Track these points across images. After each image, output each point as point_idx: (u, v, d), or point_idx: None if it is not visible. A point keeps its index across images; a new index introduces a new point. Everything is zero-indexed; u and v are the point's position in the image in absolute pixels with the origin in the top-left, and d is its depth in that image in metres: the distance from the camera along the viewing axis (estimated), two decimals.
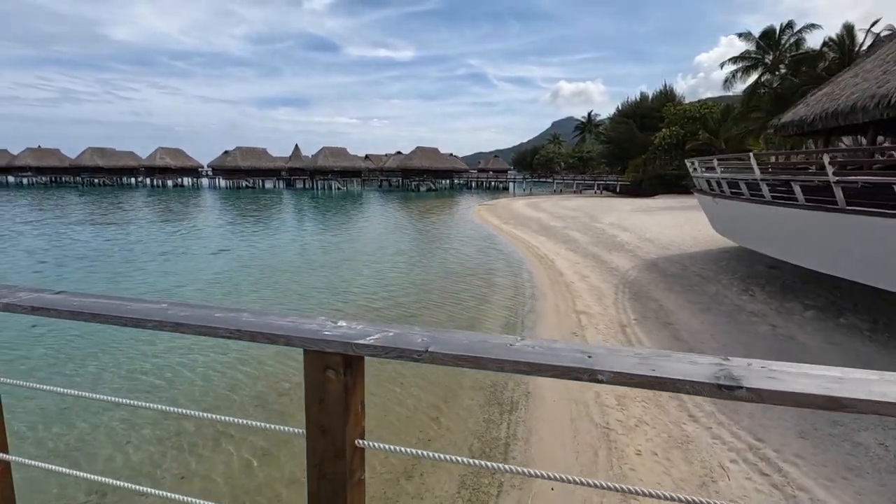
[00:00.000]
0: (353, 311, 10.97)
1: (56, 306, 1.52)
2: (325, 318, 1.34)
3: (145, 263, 16.19)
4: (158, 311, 1.44)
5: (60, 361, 7.90)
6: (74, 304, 1.52)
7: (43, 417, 6.07)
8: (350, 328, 1.28)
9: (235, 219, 30.65)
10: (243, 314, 1.40)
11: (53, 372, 7.52)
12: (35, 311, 1.54)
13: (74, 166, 72.77)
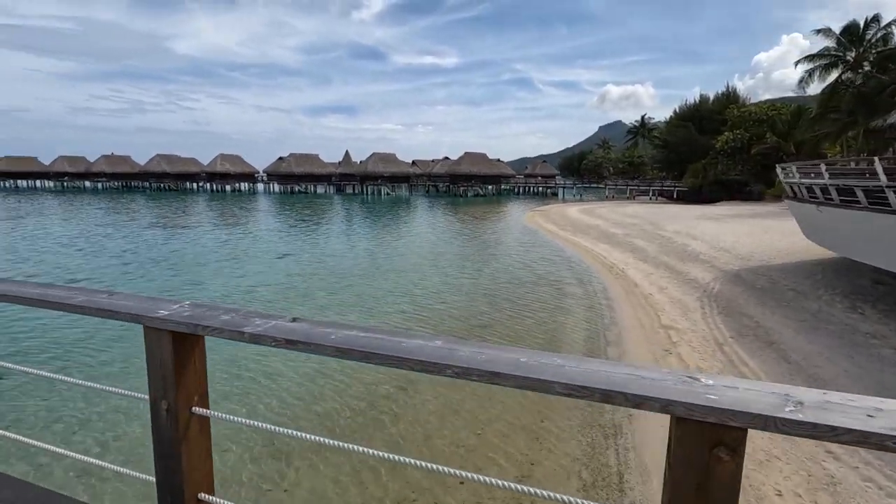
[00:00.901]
0: (433, 318, 10.83)
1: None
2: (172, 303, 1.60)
3: (220, 267, 16.75)
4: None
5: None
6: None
7: None
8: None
9: (294, 223, 31.48)
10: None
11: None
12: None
13: (143, 172, 77.41)
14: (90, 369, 7.91)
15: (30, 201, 49.29)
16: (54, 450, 2.00)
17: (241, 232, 26.49)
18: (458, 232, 27.75)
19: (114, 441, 5.86)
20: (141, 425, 6.06)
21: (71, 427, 6.16)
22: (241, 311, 1.52)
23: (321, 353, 1.28)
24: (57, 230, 26.10)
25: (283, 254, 19.73)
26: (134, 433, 5.99)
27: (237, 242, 22.56)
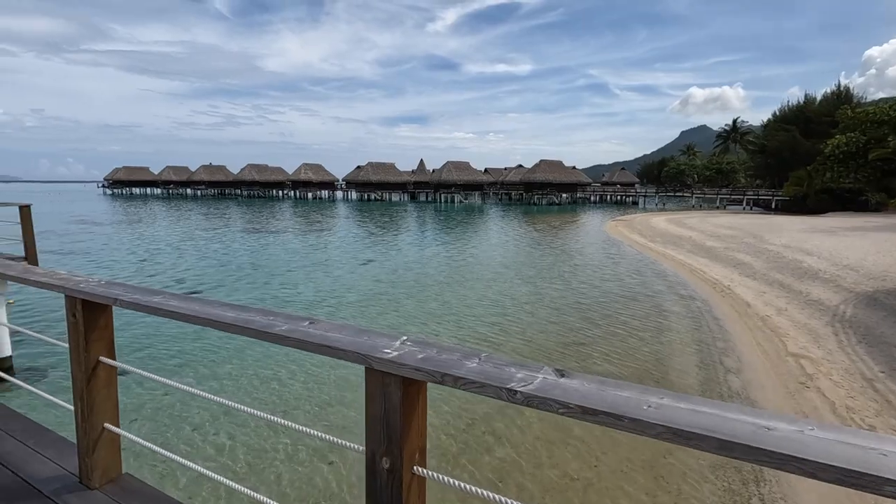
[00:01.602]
0: (525, 331, 10.44)
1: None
2: (391, 338, 1.37)
3: (310, 271, 17.41)
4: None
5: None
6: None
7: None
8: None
9: (373, 230, 32.32)
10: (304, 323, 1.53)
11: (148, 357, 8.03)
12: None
13: (236, 180, 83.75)
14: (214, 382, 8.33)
15: (142, 207, 54.88)
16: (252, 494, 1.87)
17: (326, 238, 27.56)
18: (537, 241, 27.05)
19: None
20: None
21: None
22: (481, 356, 1.26)
23: (631, 430, 0.98)
24: (166, 234, 28.66)
25: (366, 260, 20.18)
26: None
27: (323, 248, 23.45)
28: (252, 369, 8.27)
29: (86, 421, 2.19)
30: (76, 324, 2.15)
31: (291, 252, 22.09)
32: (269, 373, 8.09)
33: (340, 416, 6.79)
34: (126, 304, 1.88)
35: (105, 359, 2.20)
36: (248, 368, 8.29)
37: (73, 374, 2.20)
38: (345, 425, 6.50)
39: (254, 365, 8.43)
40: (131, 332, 9.92)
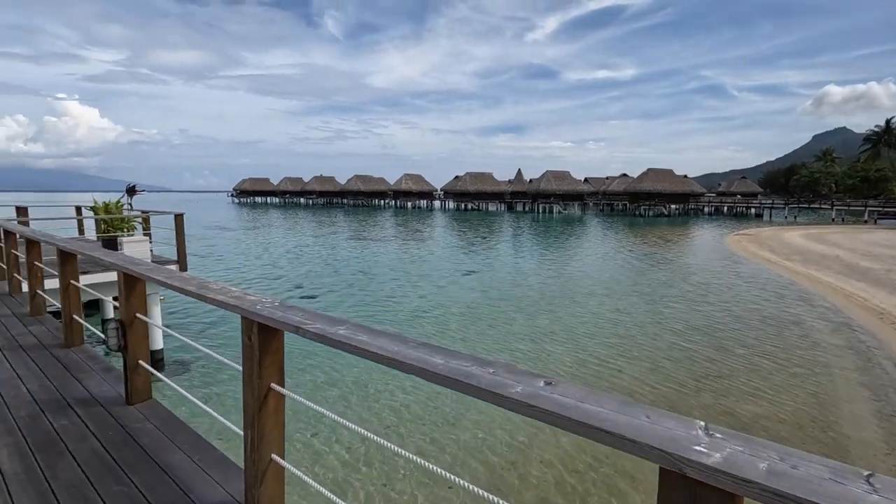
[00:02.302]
0: (653, 358, 9.50)
1: None
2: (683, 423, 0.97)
3: (417, 280, 17.66)
4: None
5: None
6: None
7: None
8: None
9: (473, 240, 32.30)
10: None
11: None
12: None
13: (343, 190, 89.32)
14: None
15: (263, 214, 60.51)
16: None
17: (428, 247, 28.03)
18: (648, 255, 25.12)
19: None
20: None
21: None
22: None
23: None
24: (284, 240, 31.10)
25: (468, 270, 20.07)
26: None
27: (425, 257, 23.80)
28: (414, 402, 7.45)
29: (255, 451, 2.07)
30: (251, 347, 2.04)
31: (395, 260, 22.70)
32: (433, 409, 7.20)
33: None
34: (309, 334, 1.70)
35: (276, 386, 2.07)
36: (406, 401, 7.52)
37: (244, 399, 2.11)
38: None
39: (417, 397, 7.58)
40: None
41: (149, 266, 3.05)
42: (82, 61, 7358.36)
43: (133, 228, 9.53)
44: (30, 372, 3.90)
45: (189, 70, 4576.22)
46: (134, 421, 3.05)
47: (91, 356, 4.27)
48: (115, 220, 9.11)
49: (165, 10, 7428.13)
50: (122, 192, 15.81)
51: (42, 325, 5.22)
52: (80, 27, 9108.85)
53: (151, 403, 3.30)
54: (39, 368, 3.97)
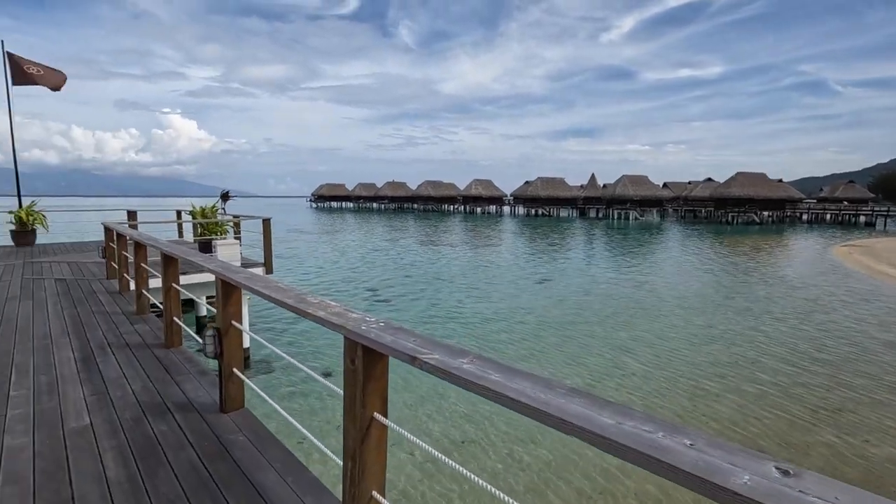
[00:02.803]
0: (745, 380, 8.54)
1: None
2: None
3: (485, 287, 17.36)
4: None
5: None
6: None
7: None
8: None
9: (545, 246, 31.45)
10: None
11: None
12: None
13: (414, 196, 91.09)
14: None
15: (339, 218, 63.05)
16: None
17: (499, 253, 27.63)
18: (739, 266, 23.02)
19: None
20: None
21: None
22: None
23: None
24: (358, 244, 32.05)
25: (541, 278, 19.45)
26: None
27: (498, 263, 23.42)
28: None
29: (355, 485, 1.87)
30: (354, 372, 1.85)
31: (467, 266, 22.52)
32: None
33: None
34: (427, 366, 1.46)
35: (379, 416, 1.86)
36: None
37: (346, 428, 1.92)
38: None
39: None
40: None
41: (247, 275, 3.01)
42: (184, 78, 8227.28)
43: (225, 232, 10.07)
44: (134, 371, 4.05)
45: (275, 83, 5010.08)
46: (228, 431, 3.01)
47: (188, 358, 4.39)
48: (210, 223, 9.65)
49: (256, 28, 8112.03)
50: (217, 197, 16.96)
51: (146, 325, 5.51)
52: (183, 48, 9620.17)
53: (244, 412, 3.27)
54: (143, 368, 4.12)
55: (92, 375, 3.94)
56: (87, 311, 6.06)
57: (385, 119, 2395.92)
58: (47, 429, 3.04)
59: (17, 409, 3.32)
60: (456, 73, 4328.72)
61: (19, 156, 14.22)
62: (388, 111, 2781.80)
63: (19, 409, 3.33)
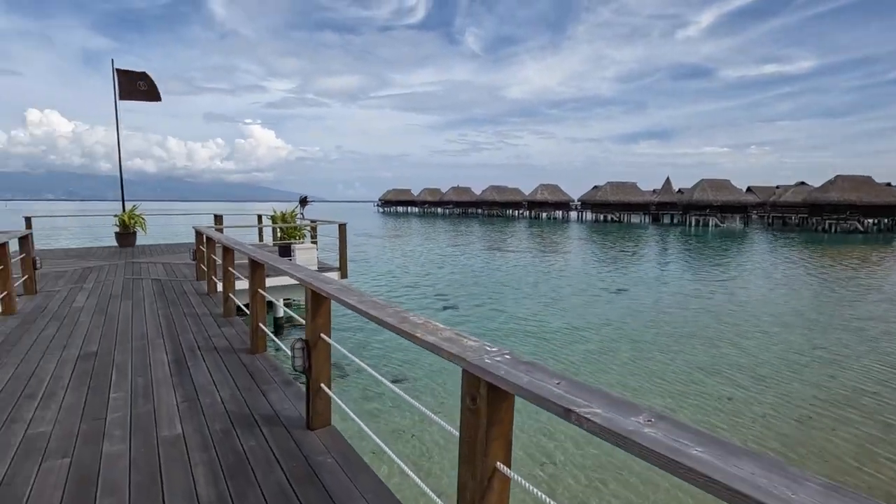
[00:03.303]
0: (871, 415, 7.41)
1: None
2: None
3: (557, 297, 16.70)
4: None
5: None
6: None
7: None
8: None
9: (617, 254, 30.00)
10: None
11: None
12: None
13: (478, 201, 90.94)
14: None
15: (405, 222, 64.15)
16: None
17: (569, 260, 26.66)
18: (846, 280, 20.57)
19: None
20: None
21: None
22: None
23: None
24: (425, 248, 32.26)
25: (617, 289, 18.43)
26: None
27: (568, 271, 22.57)
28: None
29: None
30: (475, 413, 1.56)
31: (536, 272, 21.87)
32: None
33: None
34: (591, 425, 1.13)
35: (503, 467, 1.56)
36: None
37: (461, 477, 1.63)
38: None
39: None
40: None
41: (338, 286, 2.84)
42: (265, 91, 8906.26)
43: (303, 236, 10.32)
44: (223, 377, 4.05)
45: (346, 93, 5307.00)
46: (316, 452, 2.85)
47: (273, 365, 4.35)
48: (290, 228, 9.91)
49: (330, 42, 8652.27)
50: (290, 202, 17.63)
51: (232, 328, 5.61)
52: (264, 63, 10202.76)
53: (331, 431, 3.11)
54: (230, 374, 4.12)
55: (183, 380, 3.98)
56: (180, 313, 6.31)
57: (450, 125, 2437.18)
58: (142, 435, 3.03)
59: (116, 412, 3.38)
60: (521, 78, 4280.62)
61: (123, 165, 15.54)
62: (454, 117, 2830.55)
63: (118, 412, 3.38)
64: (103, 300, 7.06)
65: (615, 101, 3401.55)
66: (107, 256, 12.00)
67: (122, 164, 15.38)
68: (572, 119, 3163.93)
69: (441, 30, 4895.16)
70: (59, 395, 3.65)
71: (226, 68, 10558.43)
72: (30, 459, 2.73)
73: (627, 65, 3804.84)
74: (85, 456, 2.77)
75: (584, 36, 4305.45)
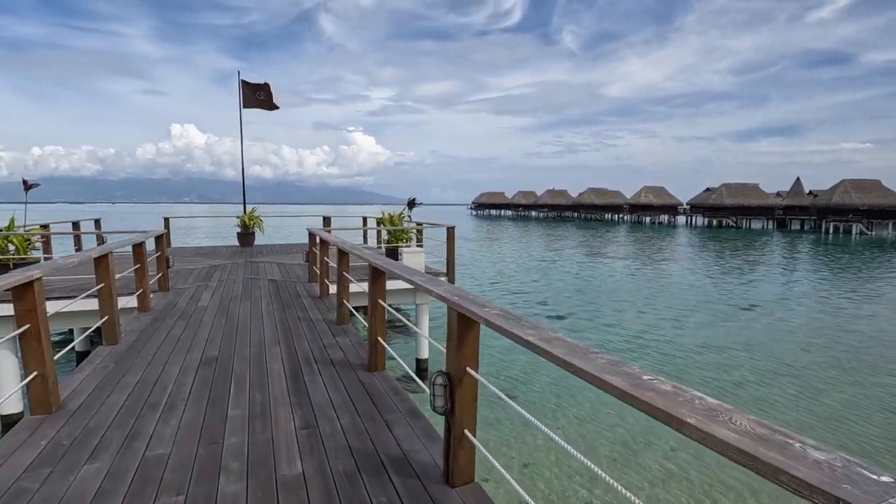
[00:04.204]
0: None
1: None
2: None
3: (676, 312, 14.91)
4: None
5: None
6: None
7: None
8: None
9: (739, 264, 26.62)
10: None
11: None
12: None
13: (575, 204, 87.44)
14: None
15: (499, 226, 63.37)
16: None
17: (685, 270, 24.12)
18: None
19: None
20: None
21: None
22: None
23: None
24: (522, 253, 31.23)
25: (748, 305, 16.10)
26: None
27: (684, 283, 20.32)
28: None
29: None
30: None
31: (646, 282, 19.94)
32: None
33: None
34: None
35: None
36: None
37: None
38: None
39: None
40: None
41: (497, 311, 2.19)
42: (367, 100, 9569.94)
43: (410, 239, 10.01)
44: (342, 400, 3.61)
45: (441, 99, 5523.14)
46: None
47: (393, 388, 3.85)
48: (397, 231, 9.65)
49: (427, 49, 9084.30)
50: (391, 205, 17.67)
51: (347, 337, 5.27)
52: (366, 73, 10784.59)
53: (475, 490, 2.46)
54: (349, 396, 3.68)
55: (301, 398, 3.61)
56: (294, 317, 6.15)
57: (544, 126, 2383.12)
58: (261, 472, 2.62)
59: (233, 436, 3.05)
60: (621, 75, 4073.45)
61: (244, 171, 16.62)
62: (548, 118, 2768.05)
63: (235, 436, 3.04)
64: (225, 300, 7.20)
65: (730, 95, 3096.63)
66: (230, 255, 12.71)
67: (244, 170, 16.43)
68: (679, 116, 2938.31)
69: (537, 31, 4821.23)
70: (180, 408, 3.44)
71: (332, 80, 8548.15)
72: (144, 494, 2.41)
73: (745, 55, 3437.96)
74: (199, 496, 2.40)
75: (695, 26, 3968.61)
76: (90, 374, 4.09)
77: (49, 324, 3.46)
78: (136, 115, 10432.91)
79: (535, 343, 1.71)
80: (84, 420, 3.22)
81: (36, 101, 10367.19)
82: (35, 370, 3.27)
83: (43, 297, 3.33)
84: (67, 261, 4.15)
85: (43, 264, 3.59)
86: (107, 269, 4.91)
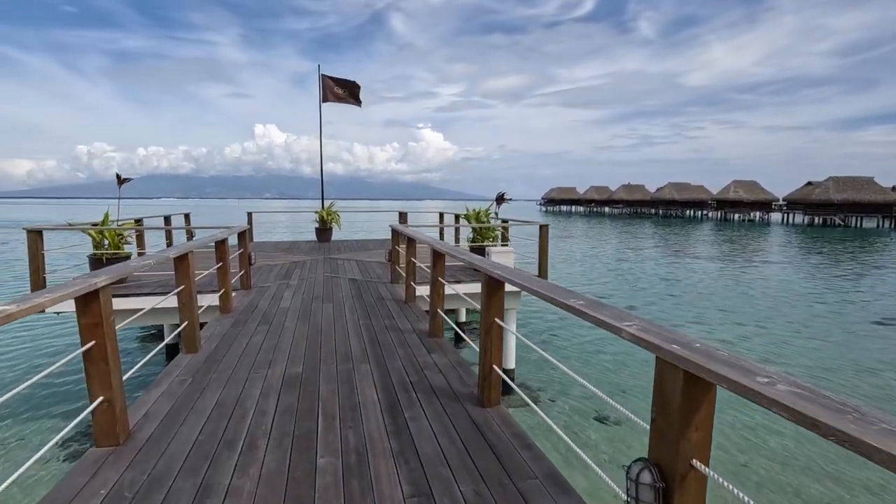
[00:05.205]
0: None
1: None
2: None
3: (794, 325, 12.89)
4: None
5: None
6: None
7: None
8: None
9: (862, 270, 23.16)
10: None
11: None
12: None
13: (653, 199, 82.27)
14: None
15: (572, 223, 60.84)
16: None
17: (791, 274, 21.31)
18: None
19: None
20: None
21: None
22: None
23: None
24: (600, 251, 29.36)
25: (882, 318, 13.68)
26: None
27: (796, 289, 17.81)
28: None
29: None
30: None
31: (749, 287, 17.67)
32: None
33: None
34: None
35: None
36: None
37: None
38: None
39: None
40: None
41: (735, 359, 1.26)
42: (435, 96, 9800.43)
43: (496, 237, 9.16)
44: (455, 451, 2.79)
45: (510, 93, 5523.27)
46: None
47: (518, 436, 2.97)
48: (484, 228, 8.82)
49: (496, 43, 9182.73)
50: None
51: (444, 356, 4.48)
52: (435, 70, 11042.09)
53: None
54: (465, 445, 2.85)
55: (403, 445, 2.85)
56: (381, 326, 5.49)
57: (617, 118, 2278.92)
58: None
59: (325, 491, 2.34)
60: (703, 62, 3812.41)
61: (319, 168, 16.54)
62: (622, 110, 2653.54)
63: (328, 492, 2.33)
64: (307, 301, 6.74)
65: (831, 79, 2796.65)
66: (308, 251, 12.51)
67: (322, 165, 16.34)
68: (770, 105, 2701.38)
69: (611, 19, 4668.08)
70: (261, 448, 2.80)
71: (402, 78, 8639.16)
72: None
73: (849, 35, 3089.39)
74: None
75: (790, 5, 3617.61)
76: (165, 392, 3.61)
77: (140, 320, 2.94)
78: (225, 117, 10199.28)
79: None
80: (152, 459, 2.67)
81: (141, 106, 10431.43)
82: (101, 395, 2.76)
83: (111, 308, 2.81)
84: (141, 263, 3.70)
85: (110, 268, 3.09)
86: (187, 269, 4.47)
